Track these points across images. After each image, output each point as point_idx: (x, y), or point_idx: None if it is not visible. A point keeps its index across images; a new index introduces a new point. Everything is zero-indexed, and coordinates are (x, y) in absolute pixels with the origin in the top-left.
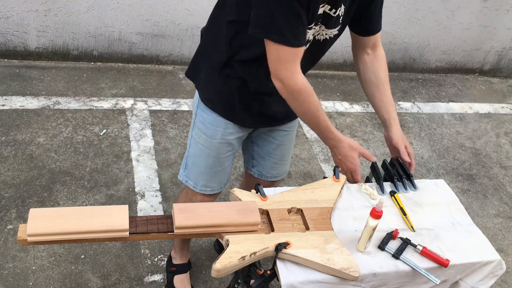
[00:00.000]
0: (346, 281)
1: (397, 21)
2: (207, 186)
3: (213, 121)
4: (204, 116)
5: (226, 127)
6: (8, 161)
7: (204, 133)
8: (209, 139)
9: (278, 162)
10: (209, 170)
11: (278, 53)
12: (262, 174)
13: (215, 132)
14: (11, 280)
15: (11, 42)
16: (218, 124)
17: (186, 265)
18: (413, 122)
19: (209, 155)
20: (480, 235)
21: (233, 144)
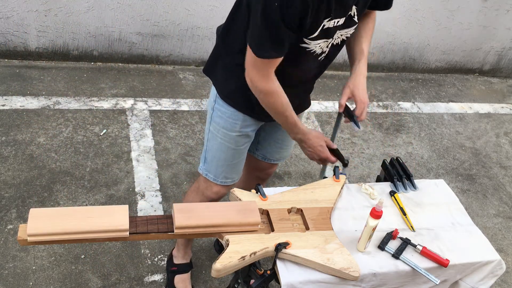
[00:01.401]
0: (346, 281)
1: (397, 21)
2: (227, 177)
3: (232, 114)
4: (223, 110)
5: (244, 119)
6: (8, 161)
7: (223, 127)
8: (228, 132)
9: (282, 147)
10: (229, 162)
11: (254, 60)
12: (266, 157)
13: (233, 125)
14: (11, 280)
15: (11, 42)
16: (237, 118)
17: (188, 265)
18: (413, 122)
19: (228, 148)
20: (480, 235)
21: (250, 136)
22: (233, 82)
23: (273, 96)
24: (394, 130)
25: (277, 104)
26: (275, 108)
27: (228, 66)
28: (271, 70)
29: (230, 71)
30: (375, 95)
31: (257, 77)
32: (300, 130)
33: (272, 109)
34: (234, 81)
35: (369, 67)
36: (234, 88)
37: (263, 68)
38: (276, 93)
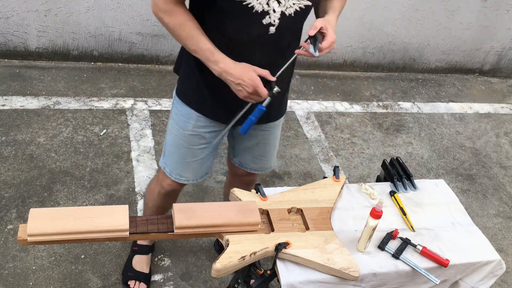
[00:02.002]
0: (346, 281)
1: (397, 21)
2: (181, 175)
3: (185, 113)
4: (178, 107)
5: (197, 119)
6: (8, 161)
7: (177, 124)
8: (181, 130)
9: (258, 157)
10: (182, 160)
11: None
12: (242, 164)
13: (186, 123)
14: (11, 280)
15: (11, 42)
16: (190, 116)
17: (148, 248)
18: (413, 122)
19: (181, 146)
20: (480, 235)
21: (206, 138)
22: (188, 79)
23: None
24: (394, 130)
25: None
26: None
27: (186, 62)
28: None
29: (187, 67)
30: (375, 95)
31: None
32: (220, 58)
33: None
34: (189, 78)
35: (369, 67)
36: (189, 84)
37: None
38: (180, 12)
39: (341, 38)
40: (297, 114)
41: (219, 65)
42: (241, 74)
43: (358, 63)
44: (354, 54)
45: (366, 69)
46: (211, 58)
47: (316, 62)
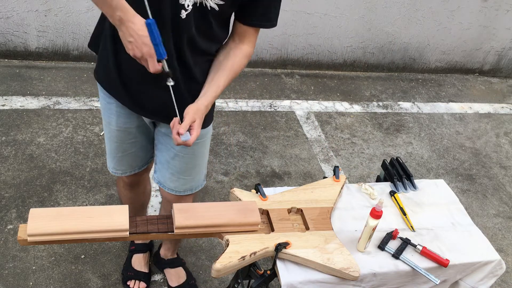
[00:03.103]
0: (346, 281)
1: (397, 21)
2: (116, 168)
3: (106, 107)
4: (101, 101)
5: (118, 115)
6: (8, 161)
7: (104, 119)
8: (108, 125)
9: (176, 174)
10: (114, 154)
11: None
12: (161, 183)
13: (110, 119)
14: (11, 280)
15: (11, 42)
16: (111, 112)
17: (146, 245)
18: (413, 122)
19: (111, 140)
20: (480, 235)
21: (134, 133)
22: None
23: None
24: (394, 130)
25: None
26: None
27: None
28: None
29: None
30: (375, 95)
31: None
32: (120, 5)
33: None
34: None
35: (369, 67)
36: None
37: None
38: None
39: (341, 38)
40: (297, 114)
41: (117, 12)
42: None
43: (358, 63)
44: (354, 54)
45: (366, 69)
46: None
47: (316, 62)
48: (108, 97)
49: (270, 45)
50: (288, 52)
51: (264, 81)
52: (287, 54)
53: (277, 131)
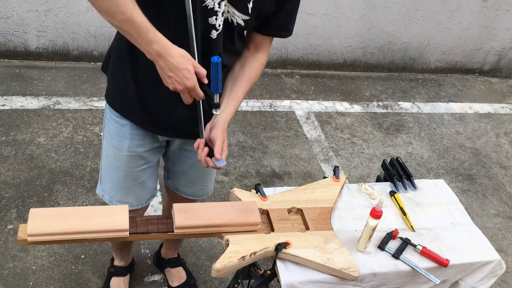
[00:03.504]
0: (346, 281)
1: (397, 21)
2: (122, 202)
3: (118, 131)
4: (110, 126)
5: (132, 138)
6: (8, 161)
7: (112, 145)
8: (117, 151)
9: (193, 181)
10: (122, 184)
11: None
12: (177, 189)
13: (121, 143)
14: (11, 280)
15: (11, 42)
16: (124, 135)
17: (125, 269)
18: (413, 122)
19: (119, 168)
20: (480, 235)
21: (146, 157)
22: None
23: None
24: (394, 130)
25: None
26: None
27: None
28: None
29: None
30: (375, 95)
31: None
32: (156, 38)
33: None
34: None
35: (369, 67)
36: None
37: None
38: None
39: (341, 38)
40: (297, 114)
41: (153, 46)
42: (177, 66)
43: (358, 63)
44: (354, 54)
45: (366, 69)
46: (145, 36)
47: (316, 62)
48: (121, 120)
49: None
50: (288, 52)
51: (264, 81)
52: (287, 54)
53: (277, 131)
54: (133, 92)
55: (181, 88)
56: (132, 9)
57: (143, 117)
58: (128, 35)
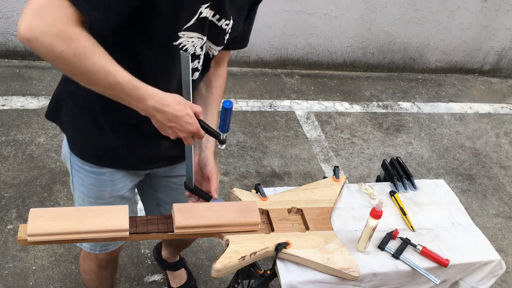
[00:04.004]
0: (346, 281)
1: (397, 21)
2: (107, 245)
3: (96, 182)
4: (83, 177)
5: (113, 184)
6: (8, 161)
7: (88, 196)
8: (96, 200)
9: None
10: None
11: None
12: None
13: (101, 193)
14: (11, 280)
15: (11, 42)
16: (104, 184)
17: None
18: (413, 122)
19: None
20: (480, 235)
21: (126, 196)
22: (82, 124)
23: (80, 41)
24: (394, 130)
25: (90, 55)
26: (85, 59)
27: (80, 103)
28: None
29: (79, 107)
30: (375, 95)
31: (55, 15)
32: (148, 93)
33: (80, 65)
34: (83, 123)
35: (369, 67)
36: (84, 133)
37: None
38: (84, 36)
39: (341, 38)
40: (297, 114)
41: (147, 102)
42: (177, 114)
43: (358, 63)
44: (354, 54)
45: (366, 69)
46: (135, 94)
47: (316, 62)
48: (98, 169)
49: (270, 45)
50: (288, 52)
51: (264, 81)
52: (287, 54)
53: (277, 131)
54: (111, 138)
55: (185, 135)
56: (113, 72)
57: (125, 159)
58: (116, 97)
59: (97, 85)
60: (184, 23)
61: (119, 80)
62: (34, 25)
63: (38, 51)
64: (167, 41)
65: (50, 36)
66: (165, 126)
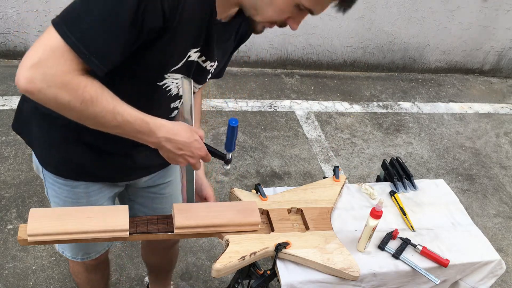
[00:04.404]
0: (346, 281)
1: (397, 21)
2: (88, 253)
3: (70, 194)
4: (57, 190)
5: (88, 196)
6: (8, 161)
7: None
8: None
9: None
10: None
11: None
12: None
13: (77, 205)
14: (12, 280)
15: (11, 42)
16: (79, 196)
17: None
18: (413, 122)
19: None
20: (480, 235)
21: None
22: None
23: (86, 89)
24: (394, 130)
25: (97, 100)
26: (93, 106)
27: (51, 119)
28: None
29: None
30: (375, 95)
31: (57, 66)
32: (156, 125)
33: (88, 111)
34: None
35: (369, 67)
36: (56, 148)
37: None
38: (90, 83)
39: (341, 38)
40: (297, 114)
41: (158, 134)
42: (186, 141)
43: (358, 63)
44: (354, 54)
45: (366, 69)
46: (145, 129)
47: (316, 62)
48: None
49: (270, 45)
50: (288, 52)
51: (264, 81)
52: (287, 54)
53: (277, 131)
54: (83, 155)
55: (195, 161)
56: (121, 112)
57: (102, 173)
58: (126, 135)
59: (106, 127)
60: (172, 66)
61: (128, 119)
62: (36, 78)
63: (41, 102)
64: (152, 81)
65: (55, 88)
66: (175, 154)
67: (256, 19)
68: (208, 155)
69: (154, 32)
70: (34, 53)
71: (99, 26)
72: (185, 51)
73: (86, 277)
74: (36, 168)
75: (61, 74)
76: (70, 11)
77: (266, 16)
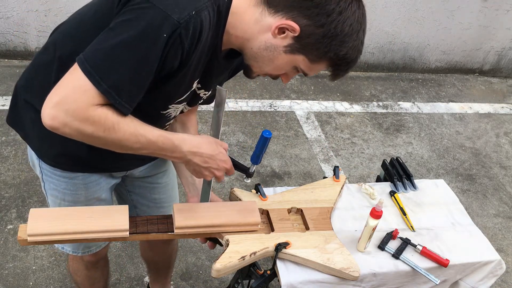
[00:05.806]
0: (346, 281)
1: (397, 21)
2: (89, 246)
3: (68, 186)
4: (55, 182)
5: (87, 187)
6: (8, 161)
7: (63, 199)
8: (73, 204)
9: (163, 205)
10: None
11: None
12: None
13: (76, 196)
14: (11, 280)
15: (11, 42)
16: (77, 187)
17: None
18: (413, 122)
19: None
20: (480, 235)
21: (104, 198)
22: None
23: (107, 119)
24: (394, 130)
25: (118, 126)
26: (114, 133)
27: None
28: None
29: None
30: (375, 95)
31: (78, 104)
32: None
33: (110, 138)
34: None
35: (369, 67)
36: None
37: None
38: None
39: None
40: (297, 114)
41: (183, 149)
42: (212, 154)
43: (358, 63)
44: None
45: (366, 69)
46: (170, 146)
47: None
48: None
49: None
50: None
51: (264, 81)
52: None
53: (277, 131)
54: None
55: (220, 174)
56: (143, 134)
57: (99, 164)
58: (151, 154)
59: (133, 149)
60: (179, 97)
61: (150, 139)
62: (59, 115)
63: (65, 135)
64: (156, 112)
65: (77, 122)
66: (202, 168)
67: (253, 69)
68: (232, 168)
69: (172, 70)
70: (59, 91)
71: (131, 75)
72: (191, 83)
73: (86, 275)
74: (32, 163)
75: (84, 110)
76: (99, 56)
77: (264, 70)
